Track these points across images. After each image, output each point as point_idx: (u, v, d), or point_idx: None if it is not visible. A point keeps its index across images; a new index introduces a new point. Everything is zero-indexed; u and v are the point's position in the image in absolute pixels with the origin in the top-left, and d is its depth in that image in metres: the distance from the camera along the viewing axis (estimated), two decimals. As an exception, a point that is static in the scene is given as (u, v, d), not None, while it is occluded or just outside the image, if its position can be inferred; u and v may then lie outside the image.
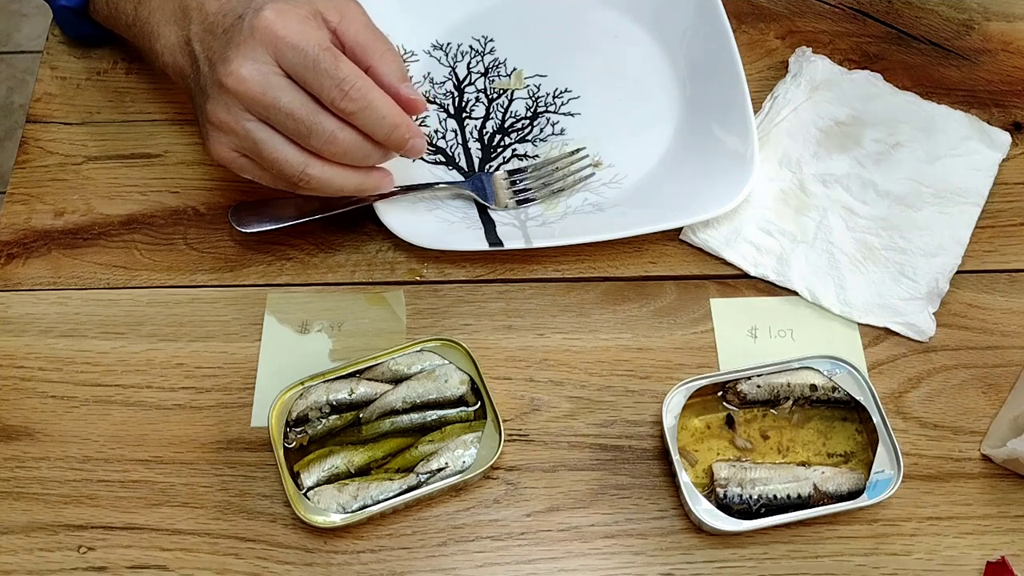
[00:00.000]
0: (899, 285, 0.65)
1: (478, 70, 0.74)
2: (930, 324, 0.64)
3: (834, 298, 0.65)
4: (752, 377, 0.60)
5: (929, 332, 0.64)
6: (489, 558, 0.57)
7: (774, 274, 0.65)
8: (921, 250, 0.66)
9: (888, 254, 0.66)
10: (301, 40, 0.55)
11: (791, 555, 0.57)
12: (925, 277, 0.65)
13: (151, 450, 0.60)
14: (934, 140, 0.70)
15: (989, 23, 0.78)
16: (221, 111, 0.56)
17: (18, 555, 0.56)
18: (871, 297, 0.65)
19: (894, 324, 0.64)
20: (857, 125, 0.71)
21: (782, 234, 0.67)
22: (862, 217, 0.67)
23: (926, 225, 0.67)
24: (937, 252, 0.66)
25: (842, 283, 0.65)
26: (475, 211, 0.68)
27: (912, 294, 0.64)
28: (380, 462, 0.59)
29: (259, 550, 0.57)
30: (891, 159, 0.69)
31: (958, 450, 0.60)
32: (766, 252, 0.66)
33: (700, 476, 0.58)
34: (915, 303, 0.64)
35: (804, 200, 0.68)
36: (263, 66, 0.55)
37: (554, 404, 0.61)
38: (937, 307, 0.65)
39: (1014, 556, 0.57)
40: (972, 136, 0.71)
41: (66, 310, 0.64)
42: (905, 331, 0.64)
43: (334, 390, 0.59)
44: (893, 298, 0.64)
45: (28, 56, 1.78)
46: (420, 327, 0.64)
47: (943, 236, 0.66)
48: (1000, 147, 0.71)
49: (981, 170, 0.69)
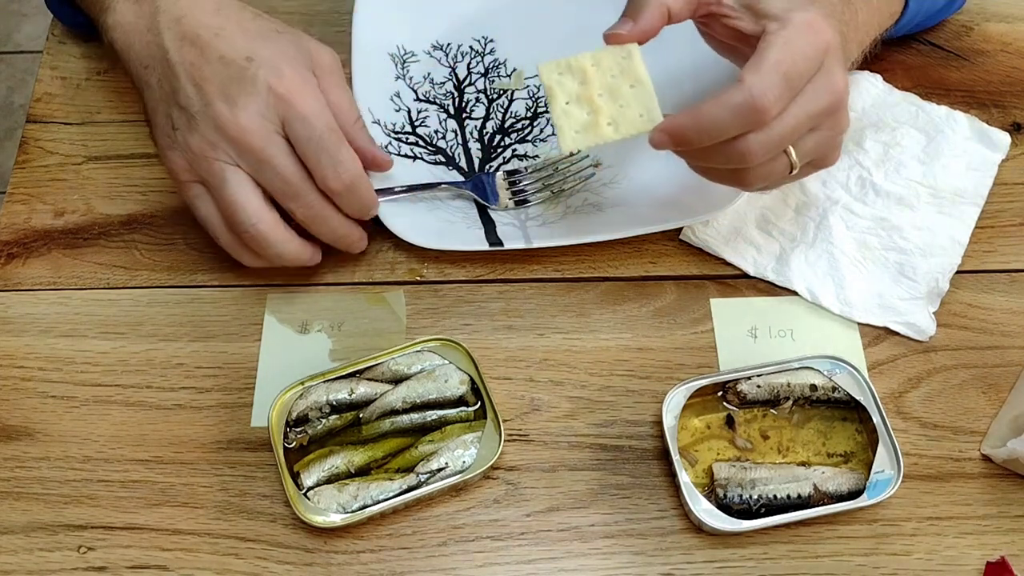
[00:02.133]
0: (899, 285, 0.65)
1: (478, 70, 0.74)
2: (930, 324, 0.64)
3: (834, 298, 0.65)
4: (752, 377, 0.60)
5: (929, 332, 0.64)
6: (489, 558, 0.57)
7: (773, 274, 0.65)
8: (920, 250, 0.66)
9: (888, 254, 0.66)
10: (313, 117, 0.58)
11: (791, 555, 0.57)
12: (925, 277, 0.65)
13: (151, 450, 0.60)
14: (934, 142, 0.70)
15: (988, 24, 0.78)
16: (205, 143, 0.58)
17: (18, 555, 0.56)
18: (871, 297, 0.65)
19: (894, 324, 0.64)
20: (857, 126, 0.71)
21: (782, 234, 0.67)
22: (861, 217, 0.67)
23: (925, 225, 0.67)
24: (937, 252, 0.66)
25: (842, 283, 0.65)
26: (475, 211, 0.68)
27: (912, 294, 0.64)
28: (380, 462, 0.59)
29: (259, 550, 0.57)
30: (891, 160, 0.69)
31: (958, 450, 0.60)
32: (766, 252, 0.66)
33: (700, 476, 0.58)
34: (915, 303, 0.64)
35: (803, 200, 0.68)
36: (268, 124, 0.58)
37: (554, 404, 0.62)
38: (937, 307, 0.65)
39: (1014, 556, 0.57)
40: (971, 137, 0.71)
41: (66, 310, 0.64)
42: (905, 331, 0.64)
43: (334, 390, 0.59)
44: (893, 298, 0.64)
45: (28, 56, 1.78)
46: (420, 327, 0.64)
47: (942, 236, 0.66)
48: (1000, 148, 0.71)
49: (980, 170, 0.69)
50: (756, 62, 0.53)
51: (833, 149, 0.59)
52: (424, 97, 0.73)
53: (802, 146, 0.56)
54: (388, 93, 0.72)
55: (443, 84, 0.74)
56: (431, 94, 0.73)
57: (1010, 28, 0.78)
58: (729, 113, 0.52)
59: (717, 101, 0.53)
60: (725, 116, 0.53)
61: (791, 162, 0.56)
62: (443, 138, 0.71)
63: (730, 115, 0.52)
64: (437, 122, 0.72)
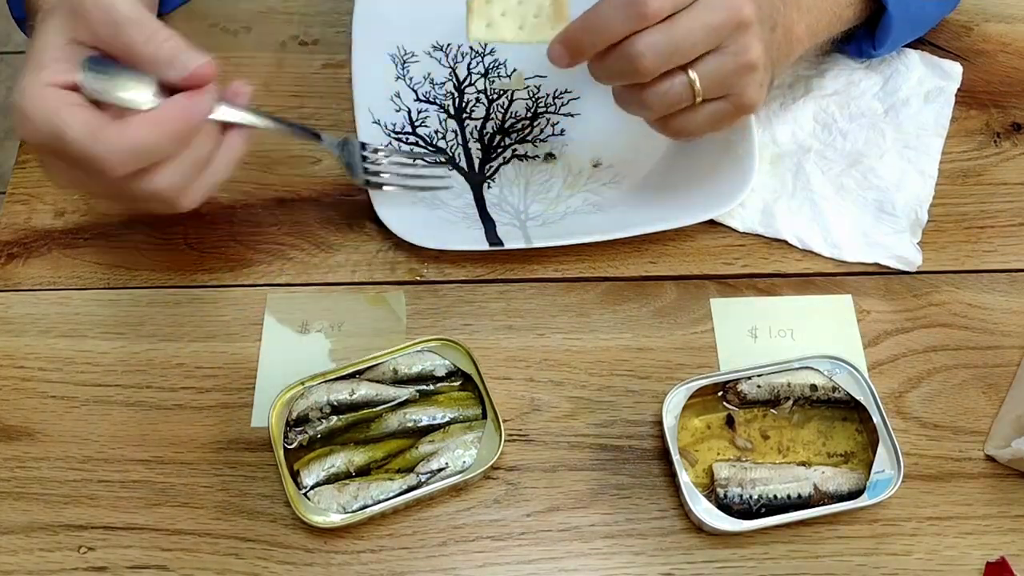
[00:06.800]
0: (881, 221, 0.68)
1: (478, 71, 0.74)
2: (916, 254, 0.66)
3: (822, 241, 0.67)
4: (752, 377, 0.60)
5: (916, 262, 0.66)
6: (489, 558, 0.57)
7: (761, 227, 0.67)
8: (895, 186, 0.69)
9: (865, 193, 0.69)
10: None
11: (791, 555, 0.57)
12: (904, 210, 0.68)
13: (151, 450, 0.60)
14: (890, 80, 0.73)
15: (988, 24, 0.78)
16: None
17: (18, 555, 0.56)
18: (857, 236, 0.67)
19: (883, 259, 0.67)
20: (816, 75, 0.73)
21: (763, 187, 0.69)
22: (834, 161, 0.70)
23: (894, 162, 0.70)
24: (909, 186, 0.69)
25: (827, 227, 0.67)
26: (475, 211, 0.68)
27: (895, 228, 0.67)
28: (380, 462, 0.59)
29: (259, 550, 0.57)
30: (852, 102, 0.72)
31: (958, 450, 0.60)
32: (750, 207, 0.68)
33: (700, 476, 0.58)
34: (899, 236, 0.67)
35: (776, 151, 0.70)
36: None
37: (554, 404, 0.61)
38: (919, 237, 0.67)
39: (1014, 556, 0.57)
40: (925, 70, 0.74)
41: (66, 310, 0.64)
42: (895, 264, 0.66)
43: (335, 390, 0.59)
44: (878, 234, 0.67)
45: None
46: (420, 327, 0.64)
47: (912, 171, 0.69)
48: (953, 77, 0.74)
49: (938, 102, 0.72)
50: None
51: (747, 85, 0.57)
52: (424, 97, 0.73)
53: (703, 68, 0.56)
54: (388, 93, 0.72)
55: (443, 84, 0.74)
56: (431, 94, 0.73)
57: (1010, 28, 0.78)
58: (614, 8, 0.54)
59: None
60: (610, 12, 0.54)
61: (693, 87, 0.56)
62: (443, 138, 0.71)
63: (614, 10, 0.54)
64: (437, 122, 0.72)
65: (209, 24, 0.78)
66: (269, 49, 0.77)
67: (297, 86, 0.75)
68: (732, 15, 0.55)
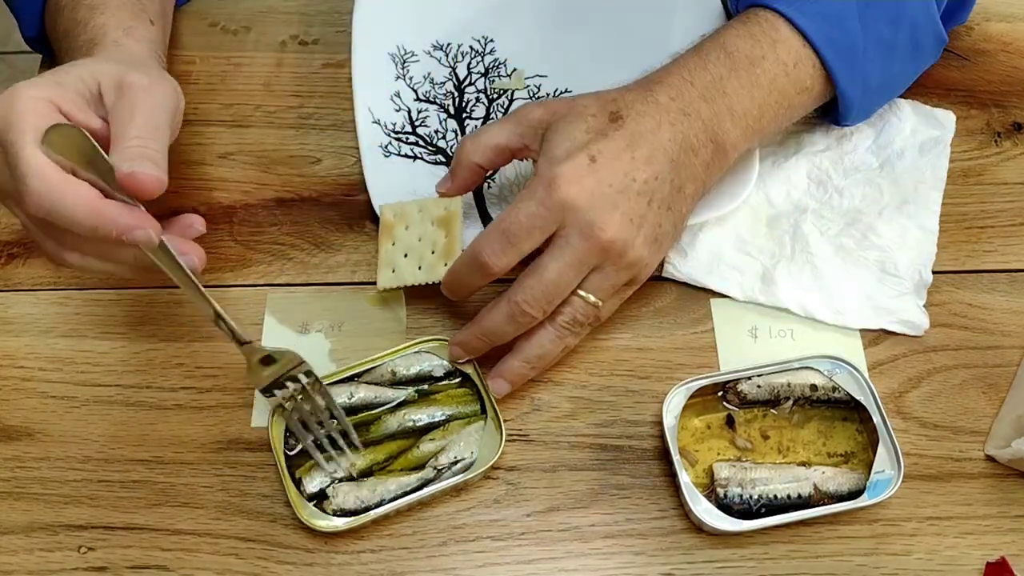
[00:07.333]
0: (884, 284, 0.65)
1: (478, 70, 0.74)
2: (923, 318, 0.64)
3: (826, 309, 0.64)
4: (752, 377, 0.60)
5: (924, 326, 0.64)
6: (489, 558, 0.57)
7: (762, 295, 0.65)
8: (896, 244, 0.66)
9: (866, 253, 0.66)
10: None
11: (791, 555, 0.57)
12: (907, 271, 0.65)
13: (151, 450, 0.60)
14: (883, 133, 0.70)
15: (988, 24, 0.78)
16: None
17: (18, 555, 0.56)
18: (861, 300, 0.64)
19: (889, 324, 0.64)
20: (807, 130, 0.70)
21: (760, 252, 0.66)
22: (831, 220, 0.67)
23: (893, 219, 0.67)
24: (912, 243, 0.66)
25: (829, 292, 0.64)
26: (475, 211, 0.68)
27: (899, 290, 0.64)
28: (382, 464, 0.59)
29: (259, 550, 0.57)
30: (845, 158, 0.69)
31: (958, 450, 0.60)
32: (749, 273, 0.65)
33: (700, 476, 0.58)
34: (904, 299, 0.64)
35: (773, 212, 0.68)
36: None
37: (554, 404, 0.61)
38: (925, 299, 0.65)
39: (1014, 556, 0.57)
40: (917, 120, 0.71)
41: (66, 310, 0.64)
42: (901, 328, 0.64)
43: (334, 394, 0.59)
44: (882, 297, 0.64)
45: (28, 56, 1.77)
46: (420, 327, 0.64)
47: (912, 227, 0.66)
48: (947, 126, 0.71)
49: (933, 152, 0.69)
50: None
51: (639, 271, 0.58)
52: (424, 97, 0.73)
53: (589, 286, 0.57)
54: (388, 93, 0.72)
55: (443, 84, 0.74)
56: (431, 94, 0.73)
57: (1010, 28, 0.78)
58: (465, 266, 0.58)
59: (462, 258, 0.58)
60: (463, 269, 0.58)
61: (588, 301, 0.57)
62: (443, 138, 0.71)
63: (466, 267, 0.58)
64: (437, 122, 0.72)
65: (209, 23, 0.78)
66: (269, 49, 0.77)
67: (297, 86, 0.75)
68: (593, 243, 0.55)
